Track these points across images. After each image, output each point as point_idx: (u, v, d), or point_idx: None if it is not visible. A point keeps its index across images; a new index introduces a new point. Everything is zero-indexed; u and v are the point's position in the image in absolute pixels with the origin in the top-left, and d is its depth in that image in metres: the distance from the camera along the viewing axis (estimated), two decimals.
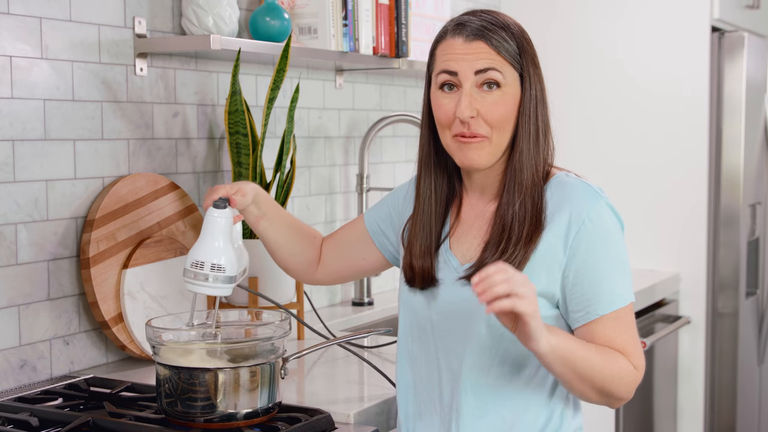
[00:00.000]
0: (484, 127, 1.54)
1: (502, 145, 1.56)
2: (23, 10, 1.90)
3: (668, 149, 3.44)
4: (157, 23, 2.18)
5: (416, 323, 1.65)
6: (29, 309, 1.93)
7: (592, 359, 1.47)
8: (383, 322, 2.76)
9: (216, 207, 1.69)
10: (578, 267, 1.51)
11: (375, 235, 1.80)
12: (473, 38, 1.53)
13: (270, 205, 1.81)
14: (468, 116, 1.52)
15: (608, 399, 1.53)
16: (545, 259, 1.52)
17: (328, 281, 1.89)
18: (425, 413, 1.64)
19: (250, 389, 1.62)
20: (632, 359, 1.53)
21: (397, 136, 3.11)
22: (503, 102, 1.53)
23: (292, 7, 2.48)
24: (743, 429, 3.60)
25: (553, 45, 3.57)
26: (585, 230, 1.51)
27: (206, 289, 1.67)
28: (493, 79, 1.52)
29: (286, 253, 1.85)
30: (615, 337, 1.52)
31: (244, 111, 2.17)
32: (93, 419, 1.65)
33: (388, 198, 1.81)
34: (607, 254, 1.52)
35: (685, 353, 3.47)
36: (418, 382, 1.65)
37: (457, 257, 1.61)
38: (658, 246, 3.47)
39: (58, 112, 1.98)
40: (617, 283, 1.52)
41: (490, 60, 1.52)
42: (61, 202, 1.98)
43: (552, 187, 1.57)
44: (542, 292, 1.52)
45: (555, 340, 1.43)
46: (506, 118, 1.54)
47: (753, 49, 3.50)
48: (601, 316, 1.51)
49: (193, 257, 1.68)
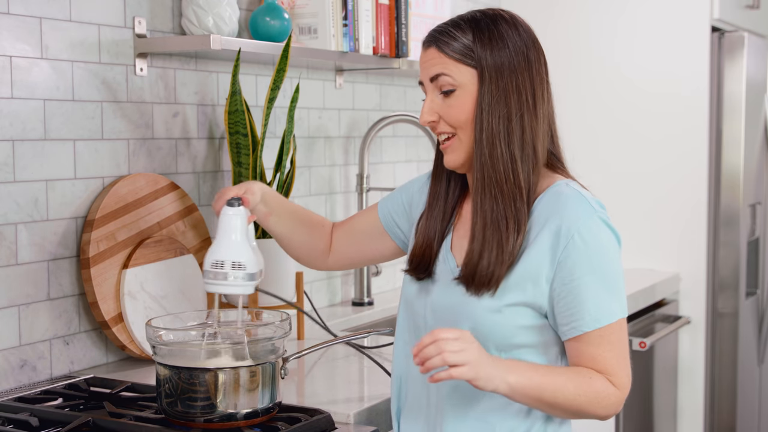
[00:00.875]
0: (449, 129, 1.57)
1: (469, 143, 1.56)
2: (23, 10, 1.90)
3: (668, 149, 3.44)
4: (157, 23, 2.18)
5: (413, 321, 1.66)
6: (29, 309, 1.93)
7: (563, 389, 1.46)
8: (383, 322, 2.76)
9: (230, 206, 1.69)
10: (564, 281, 1.49)
11: (388, 225, 1.81)
12: (427, 46, 1.56)
13: (277, 201, 1.82)
14: (426, 121, 1.57)
15: (587, 418, 1.53)
16: (532, 269, 1.51)
17: (339, 267, 1.91)
18: (413, 412, 1.64)
19: (250, 389, 1.62)
20: (614, 379, 1.50)
21: (397, 136, 3.11)
22: (459, 103, 1.54)
23: (292, 7, 2.48)
24: (743, 429, 3.60)
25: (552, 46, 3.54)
26: (573, 245, 1.48)
27: (229, 288, 1.66)
28: (445, 84, 1.54)
29: (297, 245, 1.86)
30: (598, 355, 1.50)
31: (244, 111, 2.17)
32: (93, 419, 1.65)
33: (403, 188, 1.82)
34: (594, 271, 1.49)
35: (685, 353, 3.47)
36: (410, 380, 1.65)
37: (456, 258, 1.61)
38: (658, 246, 3.47)
39: (58, 112, 1.98)
40: (603, 301, 1.49)
41: (440, 65, 1.54)
42: (61, 202, 1.98)
43: (547, 196, 1.54)
44: (528, 303, 1.51)
45: (515, 380, 1.43)
46: (465, 117, 1.54)
47: (753, 49, 3.50)
48: (586, 332, 1.49)
49: (212, 258, 1.66)
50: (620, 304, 1.51)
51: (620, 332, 1.51)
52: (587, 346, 1.50)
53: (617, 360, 1.50)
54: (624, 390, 1.51)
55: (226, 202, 1.70)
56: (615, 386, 1.50)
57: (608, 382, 1.50)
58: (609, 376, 1.50)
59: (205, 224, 2.26)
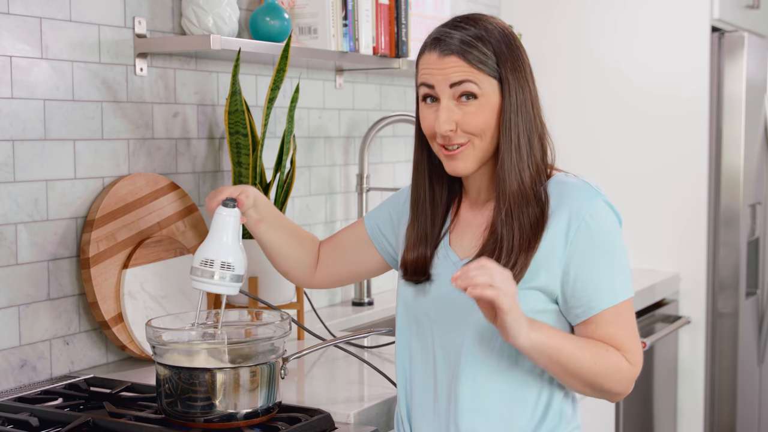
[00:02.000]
0: (464, 137, 1.57)
1: (485, 149, 1.57)
2: (23, 10, 1.90)
3: (668, 150, 3.44)
4: (157, 23, 2.18)
5: (413, 318, 1.66)
6: (29, 309, 1.93)
7: (580, 355, 1.50)
8: (383, 322, 2.76)
9: (225, 206, 1.70)
10: (579, 263, 1.53)
11: (375, 237, 1.81)
12: (448, 53, 1.55)
13: (269, 209, 1.82)
14: (446, 130, 1.56)
15: (602, 393, 1.56)
16: (545, 256, 1.54)
17: (326, 284, 1.91)
18: (425, 407, 1.64)
19: (250, 389, 1.62)
20: (629, 355, 1.54)
21: (397, 136, 3.11)
22: (481, 112, 1.55)
23: (292, 7, 2.48)
24: (743, 429, 3.60)
25: (552, 46, 3.57)
26: (585, 227, 1.53)
27: (215, 287, 1.67)
28: (468, 90, 1.54)
29: (284, 257, 1.85)
30: (614, 333, 1.54)
31: (244, 111, 2.17)
32: (93, 419, 1.65)
33: (388, 201, 1.83)
34: (606, 250, 1.54)
35: (685, 353, 3.47)
36: (417, 376, 1.66)
37: (457, 253, 1.63)
38: (658, 246, 3.47)
39: (58, 112, 1.98)
40: (617, 278, 1.54)
41: (464, 73, 1.54)
42: (61, 202, 1.98)
43: (551, 186, 1.58)
44: (541, 287, 1.54)
45: (536, 336, 1.46)
46: (485, 126, 1.56)
47: (753, 49, 3.50)
48: (603, 310, 1.53)
49: (202, 255, 1.68)
50: (629, 282, 1.57)
51: (631, 310, 1.57)
52: (602, 326, 1.54)
53: (630, 337, 1.55)
54: (637, 367, 1.56)
55: (222, 202, 1.71)
56: (629, 363, 1.54)
57: (623, 357, 1.54)
58: (624, 352, 1.54)
59: (205, 224, 2.26)
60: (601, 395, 1.57)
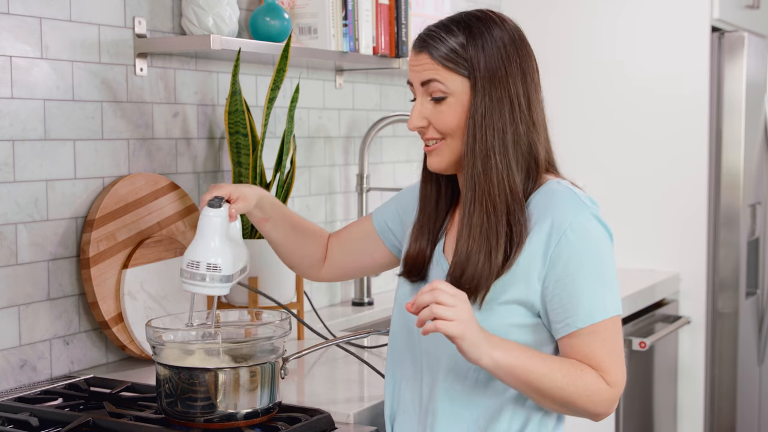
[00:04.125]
0: (438, 135, 1.56)
1: (458, 149, 1.55)
2: (23, 10, 1.90)
3: (668, 150, 3.44)
4: (157, 23, 2.18)
5: (405, 323, 1.65)
6: (29, 309, 1.93)
7: (551, 375, 1.45)
8: (383, 322, 2.76)
9: (211, 206, 1.69)
10: (557, 278, 1.48)
11: (382, 232, 1.81)
12: (419, 50, 1.54)
13: (274, 207, 1.82)
14: (416, 126, 1.55)
15: (580, 413, 1.51)
16: (525, 267, 1.49)
17: (333, 278, 1.90)
18: (405, 413, 1.64)
19: (250, 389, 1.62)
20: (607, 376, 1.48)
21: (397, 136, 3.11)
22: (450, 111, 1.52)
23: (292, 7, 2.48)
24: (743, 429, 3.60)
25: (552, 46, 3.57)
26: (566, 240, 1.47)
27: (203, 288, 1.67)
28: (435, 90, 1.52)
29: (292, 253, 1.86)
30: (591, 352, 1.48)
31: (244, 111, 2.17)
32: (93, 419, 1.65)
33: (396, 197, 1.83)
34: (587, 266, 1.48)
35: (685, 353, 3.47)
36: (403, 381, 1.65)
37: (448, 260, 1.61)
38: (658, 246, 3.47)
39: (58, 112, 1.98)
40: (597, 296, 1.48)
41: (431, 71, 1.52)
42: (61, 202, 1.98)
43: (538, 195, 1.53)
44: (520, 301, 1.51)
45: (500, 356, 1.42)
46: (455, 125, 1.53)
47: (753, 49, 3.50)
48: (579, 329, 1.48)
49: (188, 257, 1.68)
50: (614, 300, 1.50)
51: (614, 329, 1.50)
52: (580, 343, 1.48)
53: (610, 357, 1.49)
54: (617, 388, 1.49)
55: (207, 202, 1.69)
56: (608, 383, 1.48)
57: (600, 378, 1.48)
58: (602, 373, 1.48)
59: None
60: (579, 415, 1.51)
